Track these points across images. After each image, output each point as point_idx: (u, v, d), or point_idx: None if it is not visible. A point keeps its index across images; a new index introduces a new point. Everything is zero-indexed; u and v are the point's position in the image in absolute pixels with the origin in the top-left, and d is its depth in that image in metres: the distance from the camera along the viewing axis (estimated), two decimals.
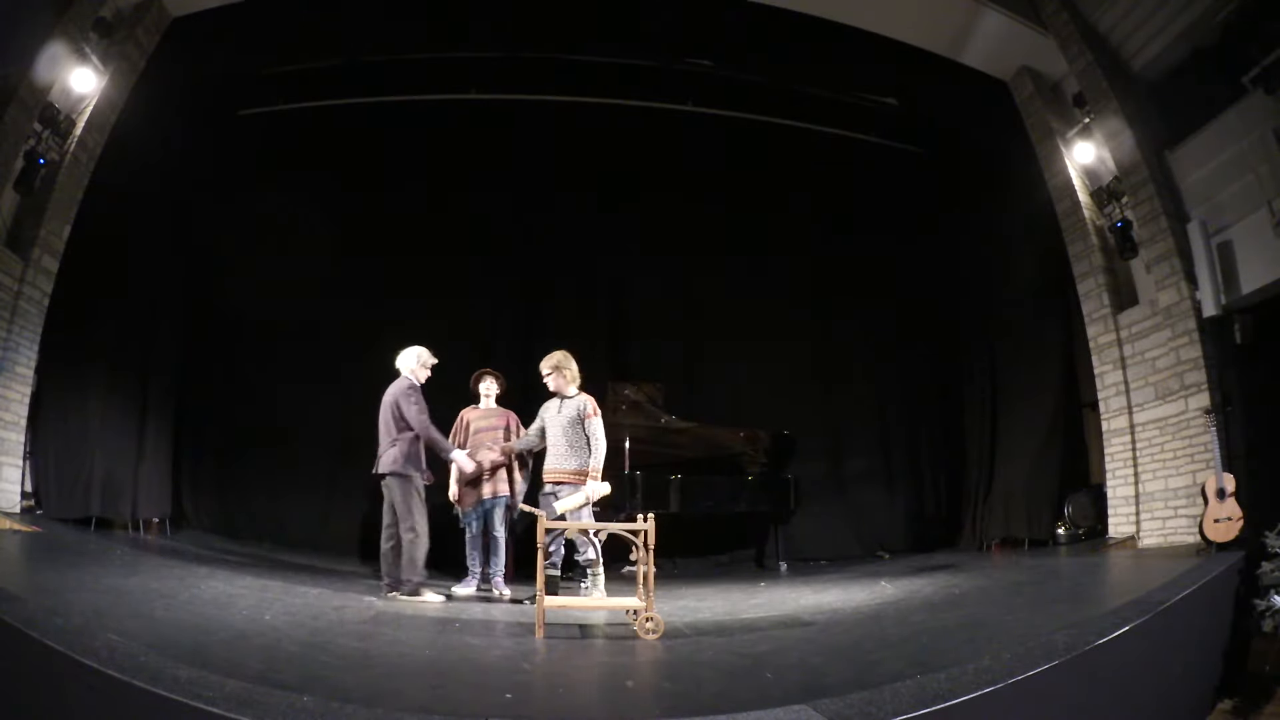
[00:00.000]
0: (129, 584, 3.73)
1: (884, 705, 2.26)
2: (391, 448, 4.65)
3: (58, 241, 5.42)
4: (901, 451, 8.19)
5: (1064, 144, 6.54)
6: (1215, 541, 4.72)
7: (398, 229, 7.66)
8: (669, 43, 7.14)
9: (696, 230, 8.10)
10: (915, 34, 6.75)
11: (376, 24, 6.66)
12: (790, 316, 8.23)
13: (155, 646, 2.45)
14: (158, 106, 6.04)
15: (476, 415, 5.33)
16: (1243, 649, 3.85)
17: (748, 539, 7.63)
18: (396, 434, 4.67)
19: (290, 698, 2.11)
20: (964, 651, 2.93)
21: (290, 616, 3.53)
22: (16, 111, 5.00)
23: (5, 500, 4.92)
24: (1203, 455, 5.29)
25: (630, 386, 6.65)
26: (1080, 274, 6.52)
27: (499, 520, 5.11)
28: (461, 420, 5.30)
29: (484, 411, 5.34)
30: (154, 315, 6.60)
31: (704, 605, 4.64)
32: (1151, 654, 3.15)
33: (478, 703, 2.46)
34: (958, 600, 4.40)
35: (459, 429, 5.27)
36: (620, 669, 3.08)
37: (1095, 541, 6.14)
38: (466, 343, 7.51)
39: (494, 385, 5.38)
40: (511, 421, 5.28)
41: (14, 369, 5.08)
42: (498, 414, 5.32)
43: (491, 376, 5.40)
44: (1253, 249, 5.25)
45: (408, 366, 4.90)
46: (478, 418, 5.31)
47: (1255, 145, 5.17)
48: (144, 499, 6.17)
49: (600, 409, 4.91)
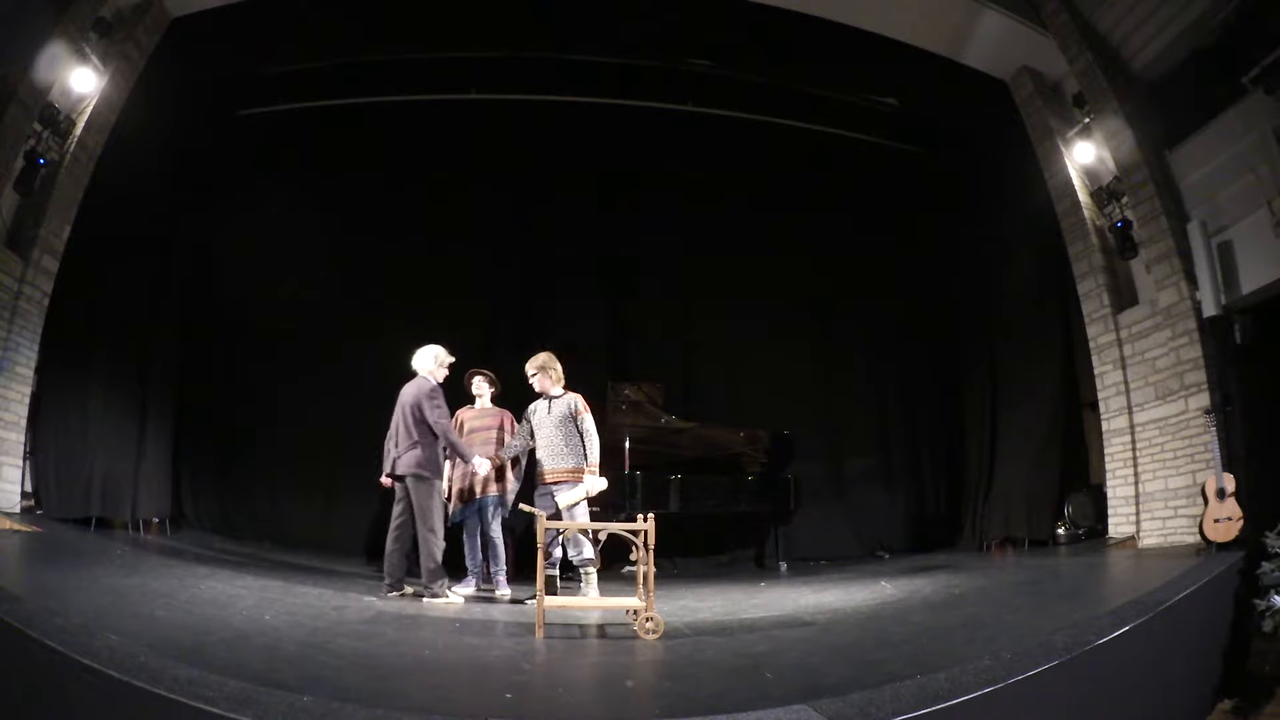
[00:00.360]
0: (129, 584, 3.73)
1: (884, 705, 2.26)
2: (413, 450, 4.60)
3: (58, 241, 5.41)
4: (901, 451, 8.19)
5: (1064, 144, 6.53)
6: (1215, 541, 4.72)
7: (397, 229, 7.66)
8: (669, 43, 7.14)
9: (696, 230, 8.09)
10: (915, 34, 6.75)
11: (376, 24, 6.66)
12: (790, 316, 8.23)
13: (155, 646, 2.45)
14: (158, 106, 6.04)
15: (471, 415, 5.33)
16: (1243, 649, 3.85)
17: (748, 539, 7.63)
18: (418, 436, 4.62)
19: (290, 698, 2.12)
20: (964, 651, 2.93)
21: (290, 616, 3.53)
22: (16, 111, 5.00)
23: (5, 500, 4.92)
24: (1203, 455, 5.29)
25: (630, 386, 6.64)
26: (1080, 274, 6.52)
27: (492, 519, 5.10)
28: (456, 420, 5.29)
29: (478, 411, 5.34)
30: (154, 315, 6.60)
31: (704, 605, 4.64)
32: (1151, 654, 3.15)
33: (478, 703, 2.46)
34: (958, 600, 4.40)
35: (454, 430, 5.27)
36: (620, 669, 3.08)
37: (1095, 541, 6.14)
38: (466, 343, 7.47)
39: (485, 385, 5.36)
40: (506, 421, 5.28)
41: (14, 369, 5.08)
42: (492, 414, 5.32)
43: (482, 376, 5.38)
44: (1253, 249, 5.25)
45: (425, 367, 4.85)
46: (472, 418, 5.31)
47: (1255, 145, 5.17)
48: (144, 499, 6.17)
49: (600, 409, 4.92)
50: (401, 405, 4.74)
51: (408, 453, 4.62)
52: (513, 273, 7.87)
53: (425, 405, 4.65)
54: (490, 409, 5.36)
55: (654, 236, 8.06)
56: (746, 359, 8.00)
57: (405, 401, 4.73)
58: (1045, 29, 6.37)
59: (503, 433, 5.23)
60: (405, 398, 4.75)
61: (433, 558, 4.54)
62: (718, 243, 8.13)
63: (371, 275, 7.52)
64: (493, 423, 5.27)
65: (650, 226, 8.07)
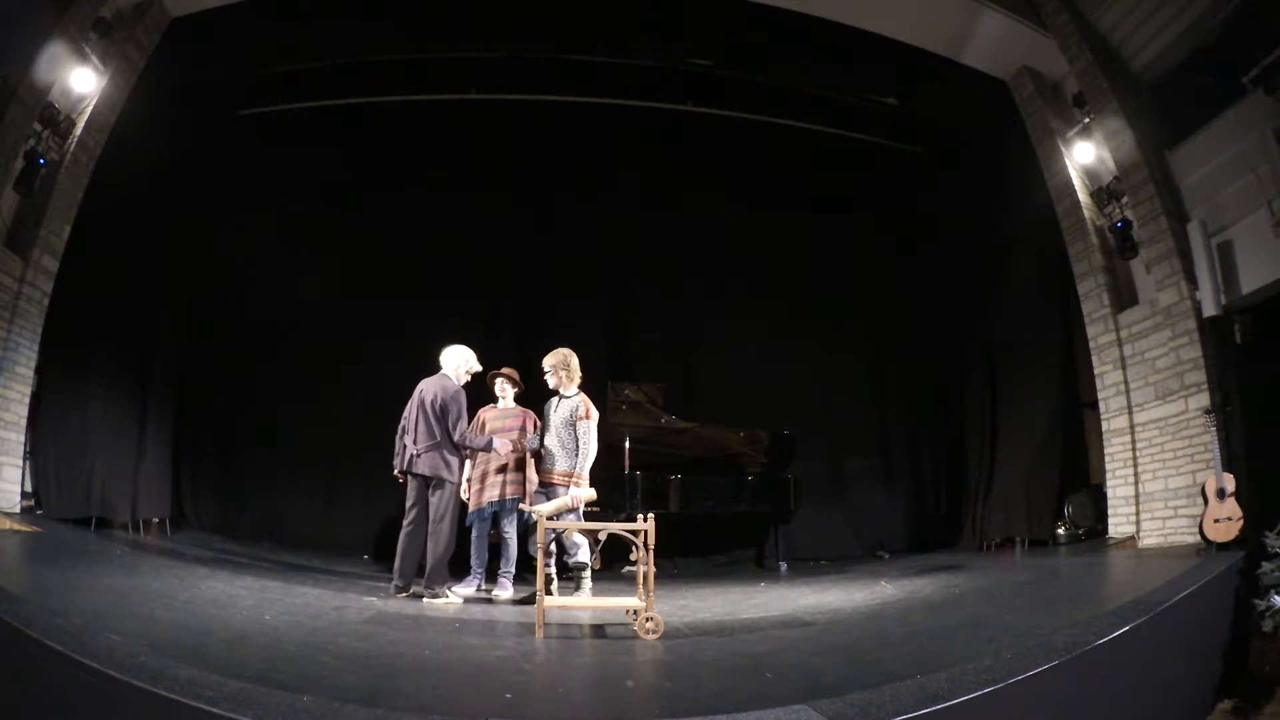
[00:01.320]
0: (129, 584, 3.73)
1: (884, 705, 2.26)
2: (433, 450, 4.51)
3: (58, 241, 5.42)
4: (901, 451, 8.19)
5: (1064, 144, 6.54)
6: (1215, 541, 4.73)
7: (397, 229, 7.66)
8: (669, 43, 7.14)
9: (696, 230, 8.09)
10: (915, 34, 6.75)
11: (376, 24, 6.66)
12: (790, 316, 8.22)
13: (155, 646, 2.45)
14: (158, 106, 6.05)
15: (494, 415, 5.23)
16: (1243, 649, 3.85)
17: (748, 539, 7.62)
18: (439, 436, 4.53)
19: (290, 698, 2.12)
20: (964, 651, 2.93)
21: (290, 616, 3.53)
22: (16, 111, 5.01)
23: (5, 500, 4.92)
24: (1203, 455, 5.29)
25: (630, 386, 6.64)
26: (1080, 274, 6.52)
27: (508, 521, 5.04)
28: (479, 420, 5.21)
29: (501, 411, 5.25)
30: (154, 315, 6.61)
31: (704, 605, 4.64)
32: (1151, 654, 3.15)
33: (478, 703, 2.46)
34: (958, 600, 4.40)
35: (476, 429, 5.14)
36: (620, 669, 3.08)
37: (1095, 541, 6.14)
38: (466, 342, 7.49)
39: (508, 385, 5.28)
40: (529, 421, 5.18)
41: (14, 369, 5.08)
42: (515, 413, 5.22)
43: (504, 378, 5.29)
44: (1253, 249, 5.25)
45: (453, 366, 4.78)
46: (495, 417, 5.22)
47: (1255, 145, 5.17)
48: (144, 499, 6.17)
49: (600, 410, 4.88)
50: (422, 401, 4.61)
51: (428, 453, 4.50)
52: (512, 272, 7.87)
53: (451, 409, 4.54)
54: (514, 409, 5.26)
55: (654, 236, 8.06)
56: (746, 359, 7.99)
57: (426, 398, 4.60)
58: (1045, 29, 6.37)
59: (524, 433, 5.14)
60: (426, 394, 4.62)
61: (438, 557, 4.48)
62: (718, 242, 8.13)
63: (371, 275, 7.51)
64: (514, 423, 5.14)
65: (650, 226, 8.07)
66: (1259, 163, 5.16)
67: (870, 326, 8.36)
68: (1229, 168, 5.42)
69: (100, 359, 5.96)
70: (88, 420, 5.78)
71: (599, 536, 4.53)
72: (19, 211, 5.28)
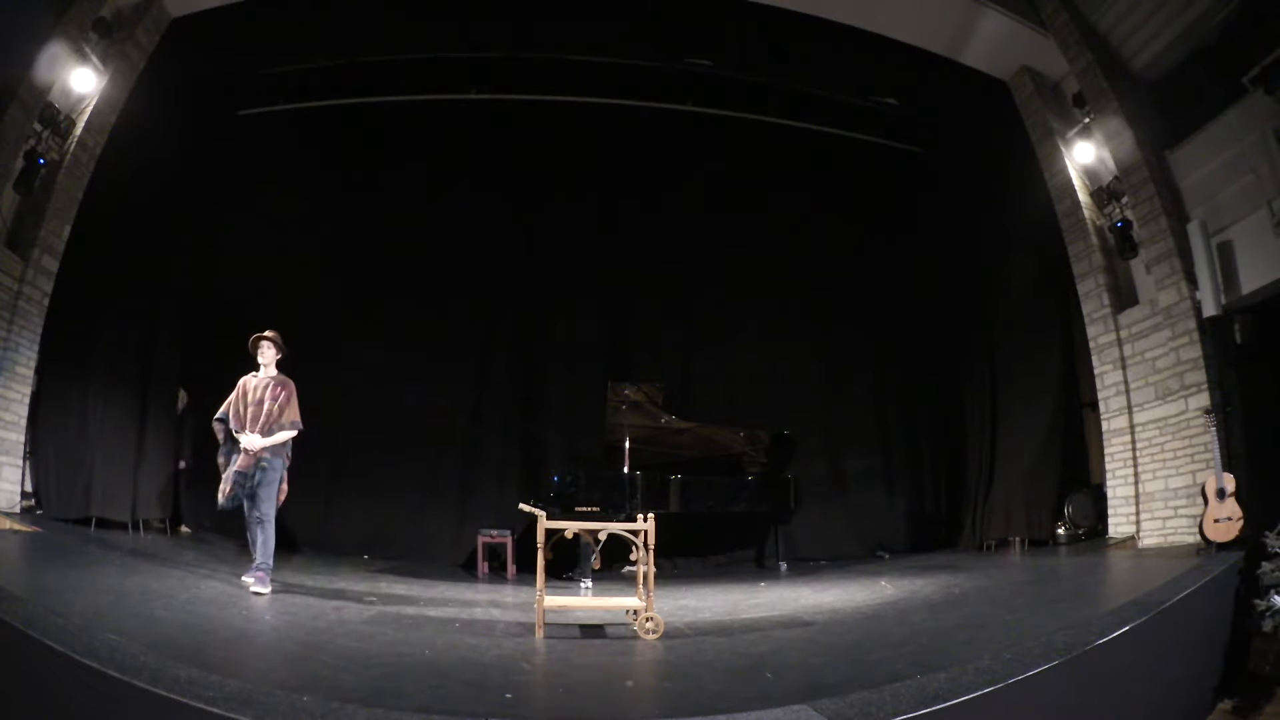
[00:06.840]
0: (129, 584, 3.73)
1: (884, 705, 2.26)
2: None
3: (58, 241, 5.42)
4: (901, 451, 8.18)
5: (1064, 144, 6.53)
6: (1215, 541, 4.72)
7: (397, 229, 7.65)
8: (669, 43, 7.14)
9: (696, 230, 8.09)
10: (915, 34, 6.75)
11: (376, 24, 6.65)
12: (790, 316, 8.22)
13: (155, 646, 2.45)
14: (158, 107, 6.04)
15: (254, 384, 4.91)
16: (1243, 649, 3.85)
17: (748, 539, 7.62)
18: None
19: (290, 698, 2.12)
20: (964, 651, 2.93)
21: (290, 616, 3.53)
22: (16, 111, 5.01)
23: (5, 500, 4.93)
24: (1203, 455, 5.29)
25: (630, 387, 6.63)
26: (1080, 274, 6.52)
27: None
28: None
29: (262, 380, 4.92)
30: (154, 315, 6.59)
31: (704, 605, 4.64)
32: (1151, 654, 3.15)
33: (478, 703, 2.46)
34: (958, 600, 4.40)
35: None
36: (620, 669, 3.08)
37: (1095, 541, 6.14)
38: (466, 342, 7.52)
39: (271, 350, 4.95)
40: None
41: (14, 369, 5.08)
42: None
43: (268, 341, 4.97)
44: (1253, 249, 5.25)
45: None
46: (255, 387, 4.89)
47: (1255, 145, 5.18)
48: (144, 499, 6.16)
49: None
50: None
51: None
52: (513, 272, 7.86)
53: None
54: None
55: (654, 236, 8.05)
56: (746, 359, 7.98)
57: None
58: (1045, 29, 6.37)
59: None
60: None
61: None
62: (718, 242, 8.12)
63: (371, 274, 7.50)
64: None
65: (651, 226, 8.06)
66: (1259, 163, 5.16)
67: (870, 327, 8.35)
68: (1229, 168, 5.42)
69: (100, 359, 5.96)
70: (87, 420, 5.78)
71: (599, 536, 4.54)
72: (19, 211, 5.28)
